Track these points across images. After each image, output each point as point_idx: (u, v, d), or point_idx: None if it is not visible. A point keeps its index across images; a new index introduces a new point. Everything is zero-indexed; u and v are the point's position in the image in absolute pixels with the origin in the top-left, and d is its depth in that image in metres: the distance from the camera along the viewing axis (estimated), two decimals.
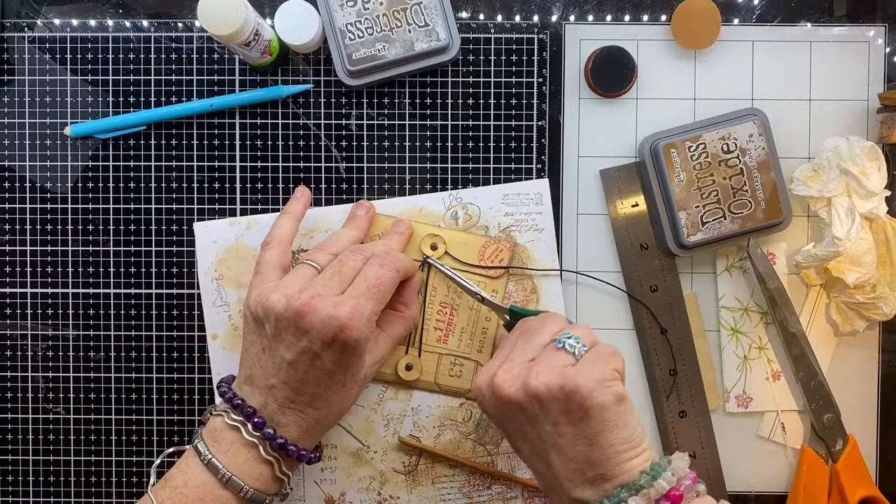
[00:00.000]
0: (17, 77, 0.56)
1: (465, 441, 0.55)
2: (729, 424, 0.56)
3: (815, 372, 0.55)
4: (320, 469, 0.55)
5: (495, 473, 0.55)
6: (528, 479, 0.55)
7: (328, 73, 0.56)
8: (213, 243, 0.55)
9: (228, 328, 0.55)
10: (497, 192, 0.55)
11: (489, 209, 0.55)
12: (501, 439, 0.55)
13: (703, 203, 0.53)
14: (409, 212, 0.55)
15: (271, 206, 0.56)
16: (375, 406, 0.55)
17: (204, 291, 0.55)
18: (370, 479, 0.55)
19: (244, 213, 0.56)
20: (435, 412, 0.55)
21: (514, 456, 0.55)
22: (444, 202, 0.55)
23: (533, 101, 0.56)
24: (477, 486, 0.55)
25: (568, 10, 0.56)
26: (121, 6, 0.56)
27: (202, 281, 0.55)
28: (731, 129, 0.52)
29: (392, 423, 0.55)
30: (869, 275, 0.52)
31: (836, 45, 0.56)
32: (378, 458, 0.55)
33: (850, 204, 0.52)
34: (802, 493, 0.54)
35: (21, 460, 0.57)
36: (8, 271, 0.56)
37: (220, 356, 0.55)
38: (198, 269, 0.55)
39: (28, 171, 0.56)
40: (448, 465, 0.55)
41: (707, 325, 0.56)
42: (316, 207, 0.56)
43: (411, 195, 0.56)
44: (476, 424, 0.55)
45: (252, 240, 0.55)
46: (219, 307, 0.55)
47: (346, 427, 0.55)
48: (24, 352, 0.56)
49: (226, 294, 0.55)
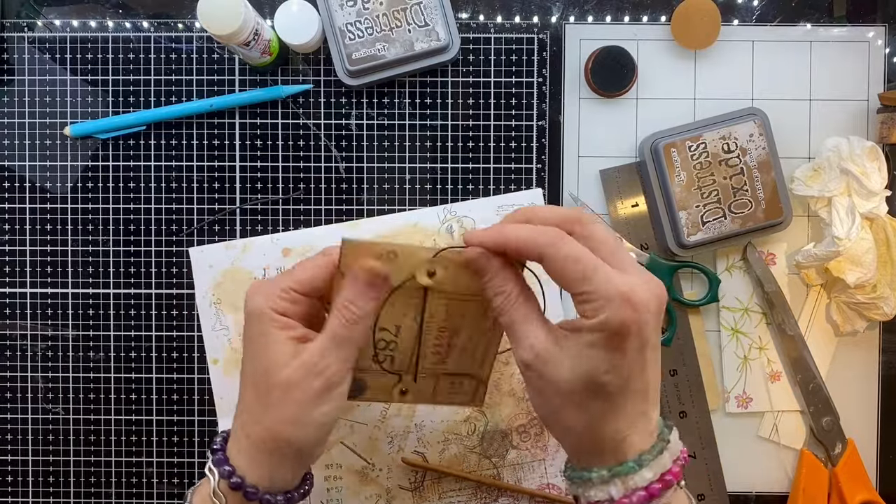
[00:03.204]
0: (17, 77, 0.56)
1: (470, 455, 0.55)
2: (729, 425, 0.56)
3: (814, 375, 0.55)
4: (326, 489, 0.55)
5: (502, 486, 0.55)
6: (535, 490, 0.55)
7: (328, 73, 0.56)
8: (210, 267, 0.55)
9: (228, 351, 0.55)
10: (491, 203, 0.55)
11: (484, 221, 0.55)
12: (507, 451, 0.55)
13: (703, 203, 0.53)
14: (404, 227, 0.55)
15: (271, 205, 0.56)
16: (379, 423, 0.55)
17: (202, 316, 0.55)
18: (377, 496, 0.55)
19: (244, 212, 0.56)
20: (439, 427, 0.55)
21: (520, 467, 0.55)
22: (438, 216, 0.55)
23: (533, 101, 0.56)
24: (484, 499, 0.55)
25: (568, 10, 0.56)
26: (121, 6, 0.56)
27: (200, 305, 0.55)
28: (731, 129, 0.52)
29: (396, 440, 0.55)
30: (869, 275, 0.52)
31: (835, 46, 0.56)
32: (384, 476, 0.55)
33: (851, 204, 0.52)
34: (802, 497, 0.54)
35: (21, 460, 0.57)
36: (8, 271, 0.56)
37: (221, 380, 0.55)
38: (196, 294, 0.55)
39: (28, 171, 0.56)
40: (454, 479, 0.55)
41: (707, 325, 0.56)
42: (312, 228, 0.55)
43: (407, 208, 0.56)
44: (480, 438, 0.55)
45: (248, 263, 0.55)
46: (218, 331, 0.55)
47: (349, 445, 0.55)
48: (24, 352, 0.56)
49: (224, 318, 0.55)
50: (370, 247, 0.40)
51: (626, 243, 0.55)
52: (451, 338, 0.45)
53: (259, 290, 0.40)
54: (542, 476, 0.55)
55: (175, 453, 0.56)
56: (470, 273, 0.41)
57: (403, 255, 0.40)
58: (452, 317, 0.44)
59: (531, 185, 0.56)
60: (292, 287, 0.40)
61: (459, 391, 0.48)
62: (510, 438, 0.55)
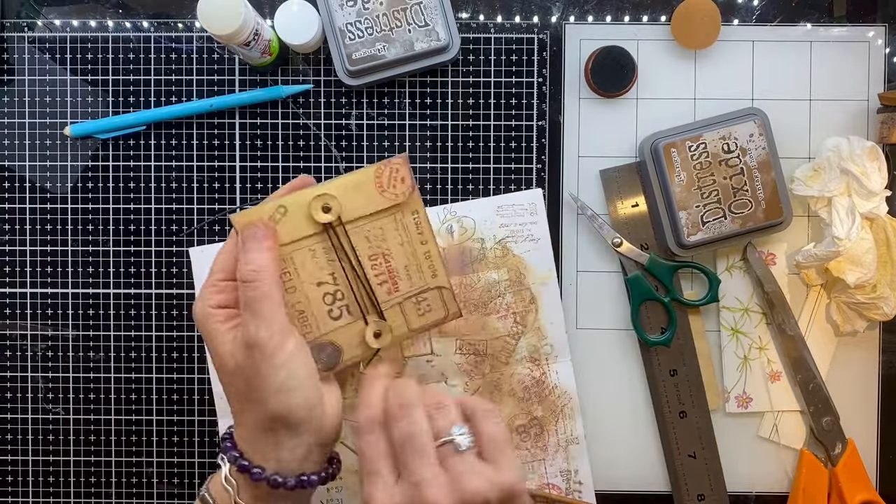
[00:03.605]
0: (17, 77, 0.56)
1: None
2: (729, 424, 0.56)
3: (814, 375, 0.55)
4: (326, 489, 0.55)
5: None
6: (535, 490, 0.55)
7: (328, 73, 0.56)
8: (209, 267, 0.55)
9: None
10: (491, 203, 0.55)
11: (484, 221, 0.55)
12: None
13: (703, 203, 0.53)
14: None
15: None
16: None
17: None
18: None
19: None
20: None
21: (523, 465, 0.55)
22: (438, 216, 0.55)
23: (533, 101, 0.56)
24: None
25: (568, 10, 0.56)
26: (121, 6, 0.56)
27: None
28: (731, 129, 0.52)
29: None
30: (869, 275, 0.52)
31: (836, 46, 0.56)
32: None
33: (851, 204, 0.52)
34: (802, 497, 0.54)
35: (20, 460, 0.57)
36: (8, 271, 0.56)
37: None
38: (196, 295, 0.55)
39: (28, 171, 0.56)
40: None
41: (707, 325, 0.56)
42: None
43: None
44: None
45: None
46: None
47: (349, 445, 0.55)
48: (24, 352, 0.56)
49: None
50: (257, 211, 0.41)
51: (628, 244, 0.55)
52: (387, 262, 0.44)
53: (198, 297, 0.42)
54: (542, 476, 0.55)
55: (175, 453, 0.56)
56: (363, 190, 0.42)
57: (292, 204, 0.41)
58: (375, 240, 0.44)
59: (531, 185, 0.56)
60: (219, 277, 0.42)
61: (429, 308, 0.47)
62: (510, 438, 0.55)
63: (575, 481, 0.55)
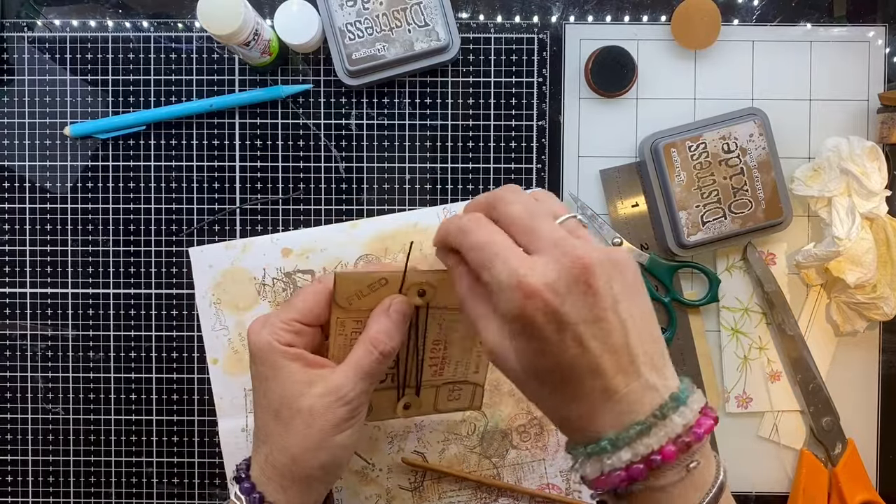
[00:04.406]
0: (17, 77, 0.56)
1: (470, 455, 0.55)
2: (729, 425, 0.56)
3: (814, 375, 0.55)
4: None
5: (501, 486, 0.55)
6: (536, 490, 0.55)
7: (328, 73, 0.56)
8: (209, 267, 0.55)
9: (229, 352, 0.55)
10: None
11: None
12: (506, 451, 0.55)
13: (703, 203, 0.53)
14: (404, 227, 0.55)
15: (271, 205, 0.56)
16: (379, 423, 0.55)
17: (202, 316, 0.55)
18: (377, 497, 0.55)
19: (244, 212, 0.56)
20: (438, 427, 0.55)
21: (520, 467, 0.55)
22: (438, 216, 0.55)
23: (533, 101, 0.56)
24: (484, 499, 0.55)
25: (568, 10, 0.56)
26: (121, 6, 0.56)
27: (200, 305, 0.55)
28: (731, 129, 0.52)
29: (396, 441, 0.55)
30: (869, 275, 0.52)
31: (836, 46, 0.56)
32: (384, 476, 0.55)
33: (851, 204, 0.52)
34: (802, 497, 0.54)
35: (20, 460, 0.57)
36: (8, 271, 0.56)
37: (221, 380, 0.55)
38: (196, 294, 0.55)
39: (28, 171, 0.56)
40: (454, 479, 0.55)
41: (707, 325, 0.56)
42: (312, 228, 0.55)
43: (407, 208, 0.56)
44: (480, 438, 0.55)
45: (248, 263, 0.55)
46: (218, 331, 0.55)
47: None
48: (24, 352, 0.56)
49: (224, 318, 0.55)
50: (362, 277, 0.41)
51: (627, 244, 0.55)
52: (445, 350, 0.46)
53: (263, 324, 0.41)
54: (542, 476, 0.55)
55: (175, 453, 0.56)
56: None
57: (393, 280, 0.42)
58: (445, 330, 0.45)
59: (531, 185, 0.56)
60: (295, 318, 0.41)
61: (458, 398, 0.49)
62: (510, 438, 0.55)
63: (575, 481, 0.55)
